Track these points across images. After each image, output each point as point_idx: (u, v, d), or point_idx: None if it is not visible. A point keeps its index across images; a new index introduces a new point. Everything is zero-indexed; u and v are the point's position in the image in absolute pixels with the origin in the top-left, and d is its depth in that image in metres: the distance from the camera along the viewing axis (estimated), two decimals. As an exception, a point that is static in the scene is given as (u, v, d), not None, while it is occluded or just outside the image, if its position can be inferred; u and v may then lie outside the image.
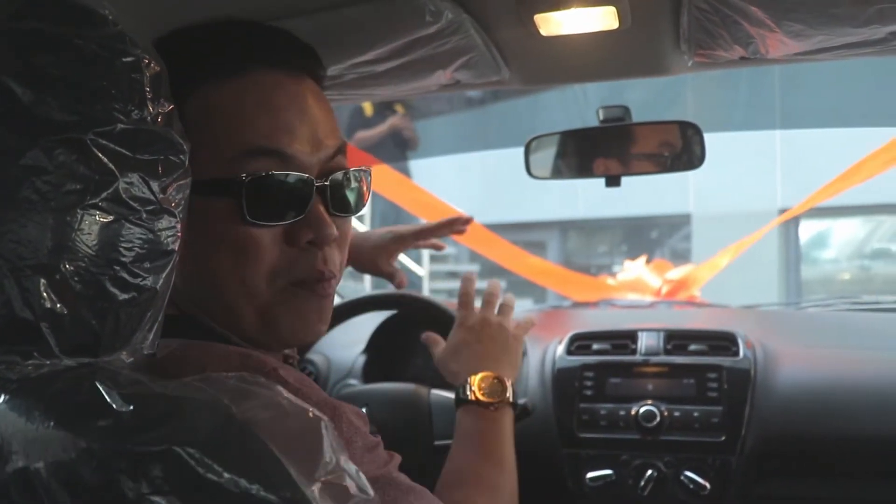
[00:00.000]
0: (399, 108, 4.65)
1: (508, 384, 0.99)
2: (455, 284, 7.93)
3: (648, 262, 3.01)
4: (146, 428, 0.46)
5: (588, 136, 1.28)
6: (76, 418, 0.47)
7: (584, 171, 1.30)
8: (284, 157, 0.67)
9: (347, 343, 1.59)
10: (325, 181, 0.69)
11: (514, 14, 0.90)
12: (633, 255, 3.68)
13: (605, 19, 0.90)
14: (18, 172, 0.48)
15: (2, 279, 0.48)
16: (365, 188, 0.74)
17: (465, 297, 1.10)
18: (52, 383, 0.50)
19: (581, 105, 5.50)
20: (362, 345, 1.60)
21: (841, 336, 1.60)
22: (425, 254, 6.18)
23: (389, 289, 1.39)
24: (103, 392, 0.48)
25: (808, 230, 7.63)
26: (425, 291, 5.85)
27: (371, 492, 0.49)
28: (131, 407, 0.47)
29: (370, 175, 0.75)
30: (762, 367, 1.35)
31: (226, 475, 0.45)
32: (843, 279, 7.58)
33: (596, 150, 1.27)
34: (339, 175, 0.70)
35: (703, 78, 5.59)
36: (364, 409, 1.10)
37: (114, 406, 0.47)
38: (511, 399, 0.98)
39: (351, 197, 0.72)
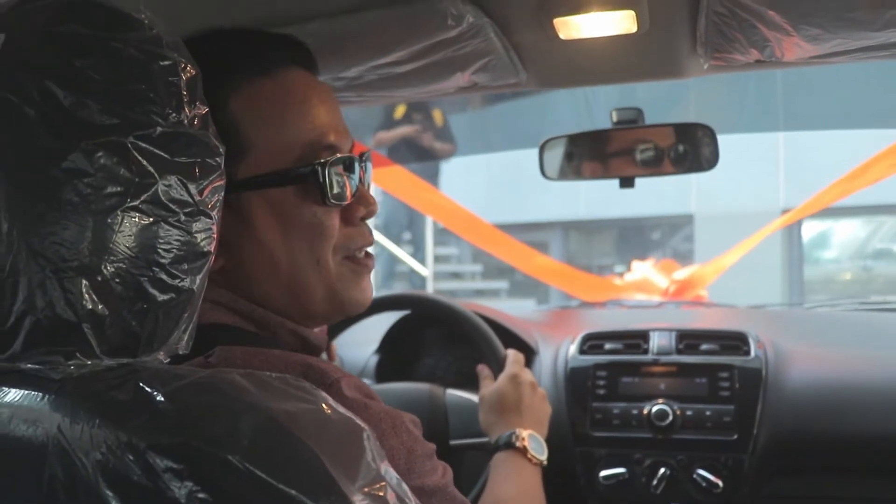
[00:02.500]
0: (436, 115, 4.65)
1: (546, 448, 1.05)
2: (457, 285, 7.94)
3: (654, 262, 3.02)
4: (190, 427, 0.47)
5: (601, 138, 1.29)
6: (121, 416, 0.48)
7: (597, 172, 1.31)
8: (333, 148, 0.74)
9: (360, 343, 1.60)
10: (362, 163, 0.77)
11: (534, 18, 0.90)
12: (635, 256, 3.69)
13: (623, 23, 0.91)
14: (60, 175, 0.49)
15: (44, 280, 0.49)
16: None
17: (521, 358, 1.17)
18: (94, 383, 0.50)
19: (589, 106, 5.50)
20: (375, 344, 1.61)
21: (849, 336, 1.61)
22: (429, 255, 6.19)
23: (400, 290, 1.41)
24: (147, 390, 0.49)
25: (809, 230, 7.64)
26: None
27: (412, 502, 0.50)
28: (175, 406, 0.48)
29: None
30: (773, 367, 1.36)
31: (269, 479, 0.45)
32: (845, 279, 7.58)
33: (609, 152, 1.28)
34: (365, 157, 0.78)
35: (706, 79, 5.58)
36: None
37: (158, 405, 0.48)
38: (545, 462, 1.03)
39: (371, 176, 0.81)
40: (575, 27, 0.92)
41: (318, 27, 0.88)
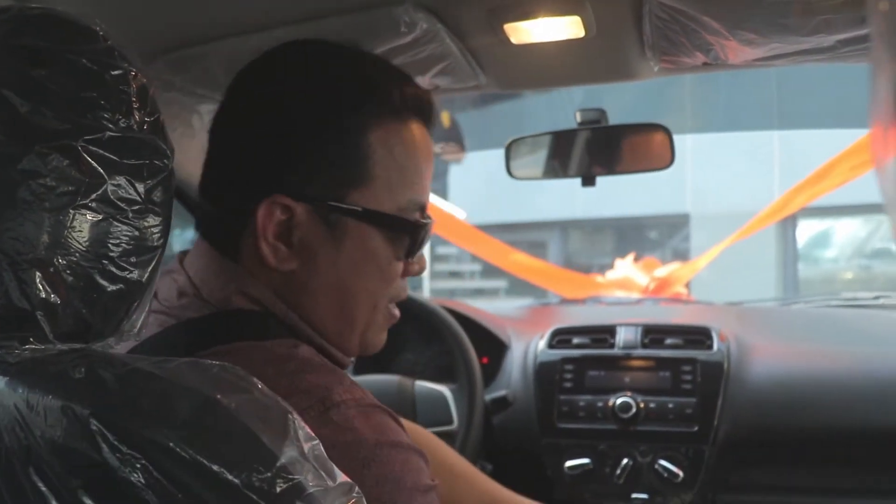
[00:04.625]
0: (444, 118, 4.66)
1: None
2: (456, 284, 7.98)
3: (640, 259, 3.06)
4: (135, 408, 0.52)
5: (565, 138, 1.33)
6: (73, 394, 0.53)
7: (561, 171, 1.35)
8: (424, 209, 0.78)
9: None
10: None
11: (486, 23, 0.94)
12: (634, 254, 3.71)
13: (570, 28, 0.95)
14: (16, 176, 0.53)
15: (1, 272, 0.54)
16: None
17: None
18: (48, 365, 0.55)
19: (582, 105, 5.53)
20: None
21: (817, 331, 1.65)
22: (426, 254, 6.21)
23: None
24: (96, 372, 0.53)
25: (808, 230, 7.65)
26: (426, 291, 5.89)
27: (337, 478, 0.53)
28: (123, 387, 0.53)
29: None
30: (735, 361, 1.40)
31: (202, 458, 0.49)
32: (845, 279, 7.59)
33: (573, 151, 1.32)
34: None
35: (702, 79, 5.61)
36: None
37: (106, 384, 0.53)
38: None
39: None
40: (525, 32, 0.96)
41: (278, 35, 0.91)
